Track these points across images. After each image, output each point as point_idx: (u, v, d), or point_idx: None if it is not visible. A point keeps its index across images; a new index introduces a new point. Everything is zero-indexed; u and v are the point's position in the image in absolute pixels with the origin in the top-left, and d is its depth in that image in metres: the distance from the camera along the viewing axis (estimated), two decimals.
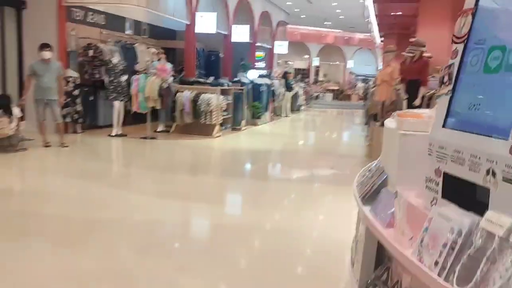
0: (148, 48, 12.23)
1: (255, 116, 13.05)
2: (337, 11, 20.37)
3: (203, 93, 10.06)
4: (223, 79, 12.79)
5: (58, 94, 7.89)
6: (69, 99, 9.36)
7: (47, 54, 7.74)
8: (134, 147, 8.86)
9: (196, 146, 9.15)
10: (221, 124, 10.66)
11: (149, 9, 10.05)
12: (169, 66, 10.66)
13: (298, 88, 18.94)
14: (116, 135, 9.53)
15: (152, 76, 9.39)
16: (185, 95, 10.03)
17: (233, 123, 11.52)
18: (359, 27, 25.61)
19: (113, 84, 9.44)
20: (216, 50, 14.52)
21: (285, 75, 16.47)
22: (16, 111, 7.17)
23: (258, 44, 18.05)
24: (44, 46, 7.76)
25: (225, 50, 14.77)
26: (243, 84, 12.27)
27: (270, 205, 5.24)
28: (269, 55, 20.20)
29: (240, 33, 14.73)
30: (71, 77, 9.42)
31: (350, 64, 33.51)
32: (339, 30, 29.30)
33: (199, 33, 12.78)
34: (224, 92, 10.88)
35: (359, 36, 30.88)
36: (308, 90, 21.42)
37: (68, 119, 9.40)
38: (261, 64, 19.87)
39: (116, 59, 9.56)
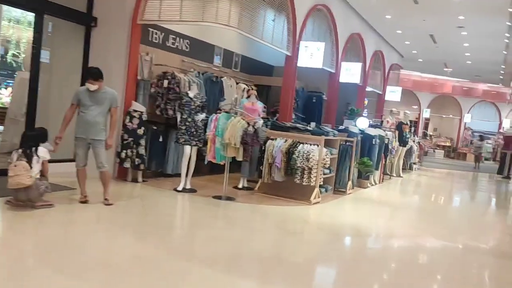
0: (238, 83, 10.14)
1: (363, 176, 10.17)
2: (466, 54, 16.99)
3: (301, 143, 7.52)
4: (325, 126, 10.21)
5: (108, 134, 5.81)
6: (130, 139, 7.37)
7: (91, 87, 5.68)
8: (201, 212, 6.46)
9: (285, 218, 6.51)
10: (321, 185, 7.99)
11: (243, 31, 7.88)
12: (260, 105, 8.34)
13: (412, 142, 15.71)
14: (184, 190, 7.26)
15: (236, 117, 7.06)
16: (278, 144, 7.55)
17: (336, 184, 8.78)
18: (487, 75, 21.80)
19: (186, 123, 7.28)
20: (318, 90, 12.05)
21: (400, 127, 13.42)
22: (42, 152, 5.14)
23: (368, 88, 15.30)
24: (91, 76, 5.69)
25: (330, 91, 12.21)
26: (351, 134, 9.55)
27: None
28: (379, 102, 17.30)
29: (351, 73, 12.14)
30: (136, 111, 7.46)
31: (467, 118, 29.17)
32: (460, 79, 25.48)
33: (300, 68, 10.44)
34: (328, 144, 8.26)
35: (482, 86, 26.74)
36: (423, 146, 17.97)
37: (126, 164, 7.37)
38: (365, 112, 17.00)
39: (193, 92, 7.43)
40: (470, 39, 14.60)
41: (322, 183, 7.67)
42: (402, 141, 13.27)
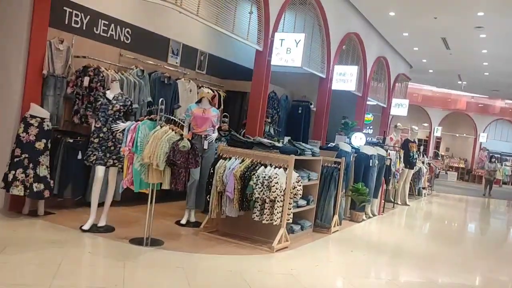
0: (200, 87, 8.11)
1: (357, 207, 7.98)
2: (484, 64, 14.81)
3: (264, 165, 5.40)
4: (311, 143, 8.15)
5: None
6: (24, 156, 5.30)
7: None
8: (88, 274, 4.29)
9: (226, 281, 4.32)
10: (295, 222, 5.85)
11: (186, 11, 5.84)
12: (214, 113, 6.23)
13: (421, 164, 13.47)
14: (93, 229, 5.15)
15: (164, 127, 4.95)
16: (231, 165, 5.43)
17: (317, 218, 6.62)
18: (506, 90, 19.56)
19: (100, 134, 5.21)
20: (305, 100, 9.95)
21: (406, 145, 11.21)
22: None
23: (369, 100, 13.18)
24: None
25: (320, 100, 10.08)
26: (341, 153, 7.41)
27: None
28: (383, 116, 15.13)
29: (345, 78, 10.02)
30: (34, 117, 5.40)
31: (482, 137, 26.82)
32: (475, 95, 23.22)
33: (284, 72, 8.39)
34: (307, 166, 6.16)
35: (500, 103, 24.47)
36: (433, 168, 15.69)
37: (14, 190, 5.25)
38: (369, 131, 14.73)
39: (113, 92, 5.37)
40: (490, 44, 12.45)
41: (290, 220, 5.49)
42: (409, 162, 11.04)
